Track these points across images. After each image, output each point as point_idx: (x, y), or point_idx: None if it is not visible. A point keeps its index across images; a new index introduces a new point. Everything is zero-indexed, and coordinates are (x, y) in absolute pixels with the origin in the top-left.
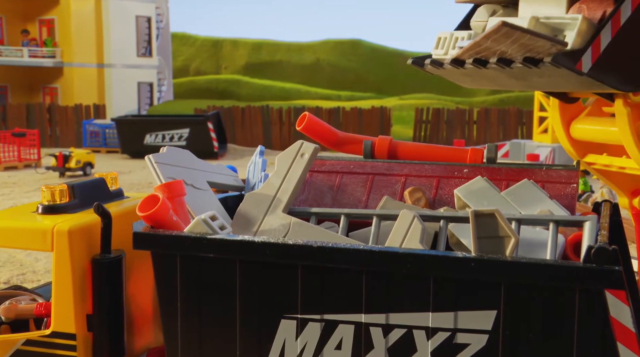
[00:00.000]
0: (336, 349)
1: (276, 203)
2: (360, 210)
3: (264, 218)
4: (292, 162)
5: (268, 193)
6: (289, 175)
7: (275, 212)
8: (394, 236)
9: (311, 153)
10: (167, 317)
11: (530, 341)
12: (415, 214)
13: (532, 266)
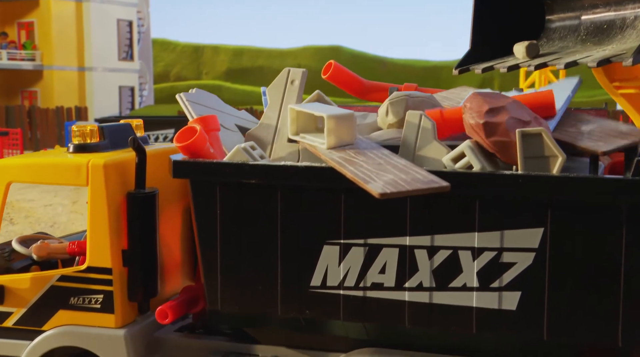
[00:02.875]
0: (380, 273)
1: (279, 134)
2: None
3: (271, 150)
4: (284, 92)
5: (268, 125)
6: (284, 105)
7: (280, 142)
8: (405, 135)
9: (300, 78)
10: (205, 248)
11: (577, 258)
12: (422, 113)
13: (580, 181)
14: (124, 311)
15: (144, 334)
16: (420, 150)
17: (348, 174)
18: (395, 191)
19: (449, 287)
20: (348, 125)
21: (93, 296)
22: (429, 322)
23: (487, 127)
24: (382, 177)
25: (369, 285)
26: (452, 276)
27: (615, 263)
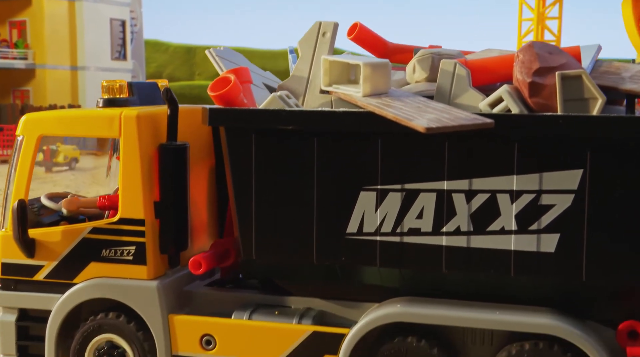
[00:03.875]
0: (417, 218)
1: (310, 86)
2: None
3: (303, 101)
4: (316, 44)
5: (300, 77)
6: (315, 57)
7: (312, 93)
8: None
9: (332, 31)
10: (240, 197)
11: (616, 199)
12: (456, 61)
13: (621, 121)
14: (155, 263)
15: (175, 287)
16: (455, 98)
17: (389, 115)
18: (441, 126)
19: (487, 230)
20: (383, 73)
21: (125, 248)
22: (466, 266)
23: (533, 88)
24: (424, 116)
25: (406, 230)
26: (490, 220)
27: None
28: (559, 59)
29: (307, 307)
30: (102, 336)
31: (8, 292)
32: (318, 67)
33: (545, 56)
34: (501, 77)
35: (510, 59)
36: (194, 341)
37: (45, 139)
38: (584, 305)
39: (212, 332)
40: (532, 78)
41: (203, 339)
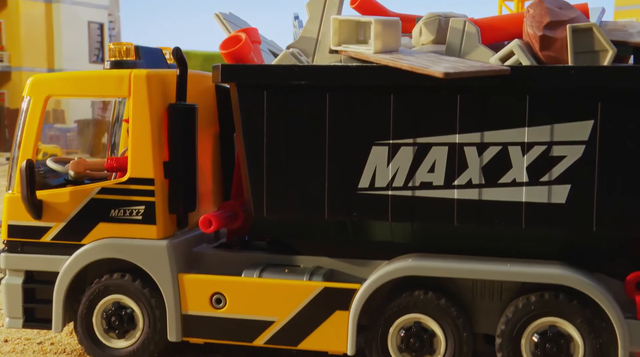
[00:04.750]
0: (429, 172)
1: (320, 46)
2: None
3: (312, 61)
4: (324, 5)
5: (309, 38)
6: (324, 17)
7: (321, 53)
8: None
9: None
10: (251, 154)
11: (626, 149)
12: (465, 19)
13: (631, 70)
14: (165, 222)
15: (184, 248)
16: (465, 55)
17: (404, 66)
18: (458, 72)
19: (498, 183)
20: (394, 30)
21: (134, 208)
22: (478, 219)
23: (544, 41)
24: (440, 65)
25: (417, 184)
26: (501, 172)
27: None
28: (569, 14)
29: (316, 265)
30: (110, 297)
31: (14, 254)
32: (327, 27)
33: (555, 10)
34: (510, 35)
35: (518, 18)
36: (204, 300)
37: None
38: (592, 259)
39: (222, 290)
40: (543, 31)
41: (213, 298)
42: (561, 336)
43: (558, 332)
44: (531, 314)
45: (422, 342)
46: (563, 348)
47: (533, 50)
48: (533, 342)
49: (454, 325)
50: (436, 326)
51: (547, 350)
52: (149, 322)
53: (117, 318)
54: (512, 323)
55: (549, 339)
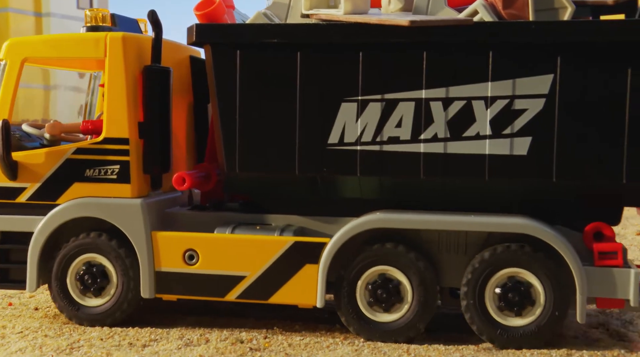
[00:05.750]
0: (396, 127)
1: (291, 11)
2: None
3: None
4: None
5: (281, 3)
6: None
7: (292, 19)
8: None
9: None
10: (224, 112)
11: (585, 102)
12: None
13: (589, 25)
14: (139, 182)
15: (158, 208)
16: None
17: (373, 20)
18: (425, 20)
19: (462, 136)
20: None
21: (109, 167)
22: (443, 172)
23: None
24: (407, 17)
25: (385, 139)
26: (466, 126)
27: (620, 106)
28: None
29: (288, 223)
30: (84, 256)
31: None
32: None
33: None
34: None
35: None
36: (177, 257)
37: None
38: (553, 211)
39: (195, 247)
40: None
41: (186, 255)
42: (524, 285)
43: (521, 282)
44: (496, 265)
45: (390, 294)
46: (525, 297)
47: (496, 9)
48: (497, 291)
49: (421, 277)
50: (404, 278)
51: (509, 299)
52: (123, 280)
53: (91, 277)
54: (478, 272)
55: (512, 288)
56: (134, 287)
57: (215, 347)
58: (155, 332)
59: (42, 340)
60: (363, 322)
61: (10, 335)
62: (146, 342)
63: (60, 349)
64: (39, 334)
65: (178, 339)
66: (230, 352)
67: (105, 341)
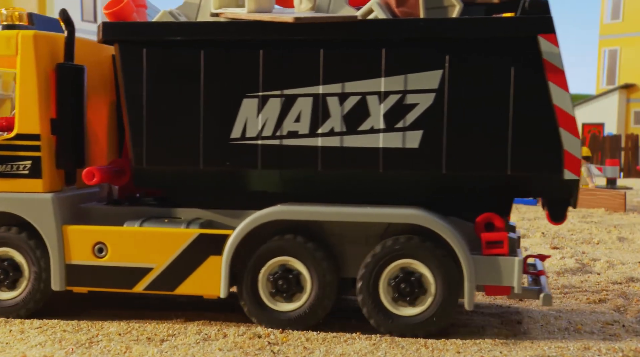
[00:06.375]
0: (295, 122)
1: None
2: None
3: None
4: None
5: (192, 3)
6: None
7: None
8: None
9: None
10: (132, 108)
11: (472, 97)
12: None
13: (474, 22)
14: (51, 177)
15: (71, 203)
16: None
17: (265, 17)
18: (309, 17)
19: (358, 130)
20: None
21: (21, 163)
22: (340, 165)
23: None
24: (296, 14)
25: (285, 134)
26: (360, 120)
27: (504, 100)
28: None
29: (196, 216)
30: None
31: None
32: None
33: None
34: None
35: None
36: (87, 250)
37: None
38: (449, 203)
39: (104, 240)
40: None
41: (95, 248)
42: (415, 276)
43: (412, 272)
44: (389, 257)
45: (290, 283)
46: (417, 287)
47: (390, 7)
48: (391, 283)
49: (319, 267)
50: (303, 268)
51: (402, 289)
52: (35, 272)
53: (3, 271)
54: (371, 266)
55: (404, 279)
56: (45, 279)
57: (234, 342)
58: (173, 327)
59: (61, 334)
60: (265, 312)
61: (29, 330)
62: (164, 337)
63: (80, 343)
64: (58, 329)
65: (196, 334)
66: (248, 346)
67: (124, 336)
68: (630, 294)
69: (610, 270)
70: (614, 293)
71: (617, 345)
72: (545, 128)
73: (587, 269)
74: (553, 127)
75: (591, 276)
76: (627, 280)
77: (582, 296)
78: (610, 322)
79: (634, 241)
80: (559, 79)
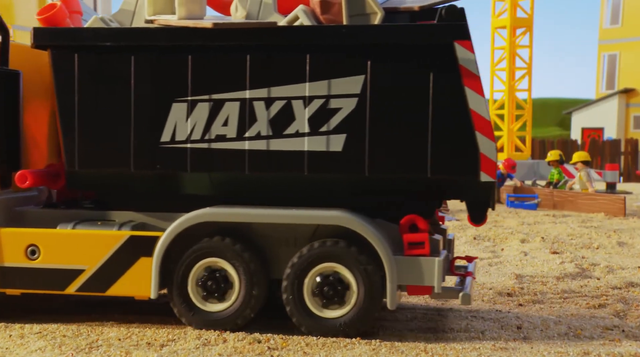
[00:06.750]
0: (223, 126)
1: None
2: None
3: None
4: None
5: (127, 10)
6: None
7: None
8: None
9: None
10: (64, 112)
11: (393, 101)
12: None
13: (396, 28)
14: None
15: (4, 206)
16: None
17: (189, 23)
18: (227, 22)
19: (284, 134)
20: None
21: None
22: (267, 168)
23: (323, 5)
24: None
25: (213, 137)
26: (286, 124)
27: (424, 104)
28: None
29: (130, 219)
30: None
31: None
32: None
33: None
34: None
35: None
36: (19, 252)
37: None
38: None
39: (36, 242)
40: None
41: (28, 250)
42: (338, 278)
43: (336, 275)
44: (313, 259)
45: (219, 284)
46: (339, 290)
47: (316, 14)
48: (314, 284)
49: (247, 268)
50: (231, 269)
51: (324, 292)
52: None
53: None
54: (296, 266)
55: (327, 282)
56: None
57: (234, 347)
58: (173, 332)
59: (61, 340)
60: (194, 312)
61: (29, 335)
62: (164, 342)
63: (80, 348)
64: (58, 334)
65: (196, 339)
66: (248, 351)
67: (124, 341)
68: (630, 299)
69: (610, 275)
70: (613, 298)
71: (616, 350)
72: (462, 132)
73: (587, 273)
74: (469, 131)
75: (591, 281)
76: (626, 285)
77: (581, 301)
78: (610, 327)
79: (634, 246)
80: (474, 84)
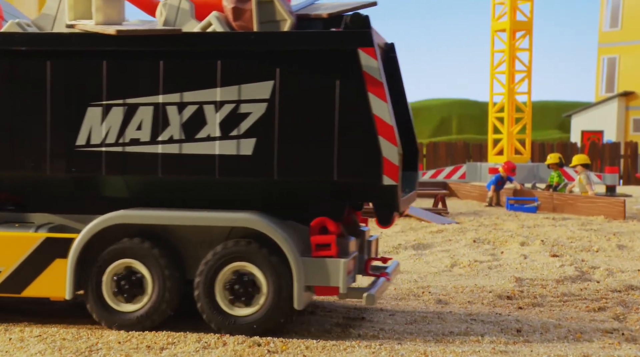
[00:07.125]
0: (137, 130)
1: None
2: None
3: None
4: None
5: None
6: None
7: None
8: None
9: None
10: None
11: (301, 106)
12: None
13: (303, 35)
14: None
15: None
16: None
17: (97, 29)
18: (131, 29)
19: (195, 138)
20: (116, 5)
21: None
22: (179, 171)
23: (235, 12)
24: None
25: (127, 141)
26: (198, 128)
27: (330, 109)
28: None
29: (49, 221)
30: None
31: None
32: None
33: None
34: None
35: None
36: None
37: None
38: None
39: None
40: (235, 4)
41: None
42: (249, 277)
43: (246, 274)
44: (226, 258)
45: (131, 285)
46: (250, 289)
47: (228, 21)
48: (225, 282)
49: (160, 268)
50: (145, 270)
51: (235, 291)
52: None
53: None
54: (209, 265)
55: (238, 281)
56: None
57: (233, 350)
58: (173, 335)
59: (61, 343)
60: (107, 312)
61: (29, 338)
62: (164, 345)
63: (80, 351)
64: (57, 338)
65: (196, 342)
66: (248, 354)
67: (123, 344)
68: (629, 302)
69: (609, 278)
70: (613, 301)
71: (616, 353)
72: (365, 136)
73: (587, 276)
74: (372, 136)
75: (590, 284)
76: (626, 288)
77: (581, 304)
78: (610, 330)
79: (634, 249)
80: (377, 90)
